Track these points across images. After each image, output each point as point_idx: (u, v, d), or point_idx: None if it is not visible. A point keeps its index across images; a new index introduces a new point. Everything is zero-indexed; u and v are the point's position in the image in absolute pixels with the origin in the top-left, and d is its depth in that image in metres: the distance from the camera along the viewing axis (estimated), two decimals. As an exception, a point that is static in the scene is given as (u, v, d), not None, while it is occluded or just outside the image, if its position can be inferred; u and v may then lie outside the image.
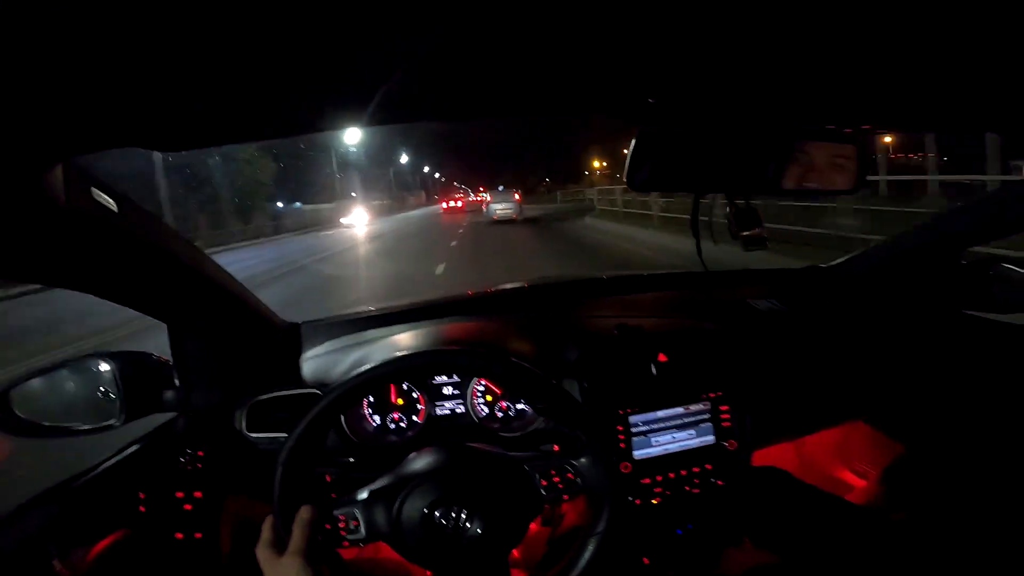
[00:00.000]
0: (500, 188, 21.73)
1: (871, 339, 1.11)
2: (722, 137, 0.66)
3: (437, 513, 0.67)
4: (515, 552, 1.13)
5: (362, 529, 0.69)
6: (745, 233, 0.76)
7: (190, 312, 0.84)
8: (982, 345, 1.11)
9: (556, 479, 0.73)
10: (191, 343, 0.87)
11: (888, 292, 1.17)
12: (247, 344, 0.94)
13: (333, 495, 0.72)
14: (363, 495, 0.70)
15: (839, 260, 1.29)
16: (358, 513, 0.69)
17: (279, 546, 0.64)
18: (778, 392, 1.03)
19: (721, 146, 0.66)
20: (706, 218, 0.80)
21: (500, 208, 18.80)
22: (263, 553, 0.64)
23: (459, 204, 32.71)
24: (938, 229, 1.07)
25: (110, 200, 0.57)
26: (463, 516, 0.67)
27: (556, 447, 0.80)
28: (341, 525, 0.69)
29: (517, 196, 19.98)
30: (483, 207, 20.28)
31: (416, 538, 0.67)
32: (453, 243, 12.79)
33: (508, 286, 1.26)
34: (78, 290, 0.65)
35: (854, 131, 0.67)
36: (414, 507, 0.68)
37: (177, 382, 0.86)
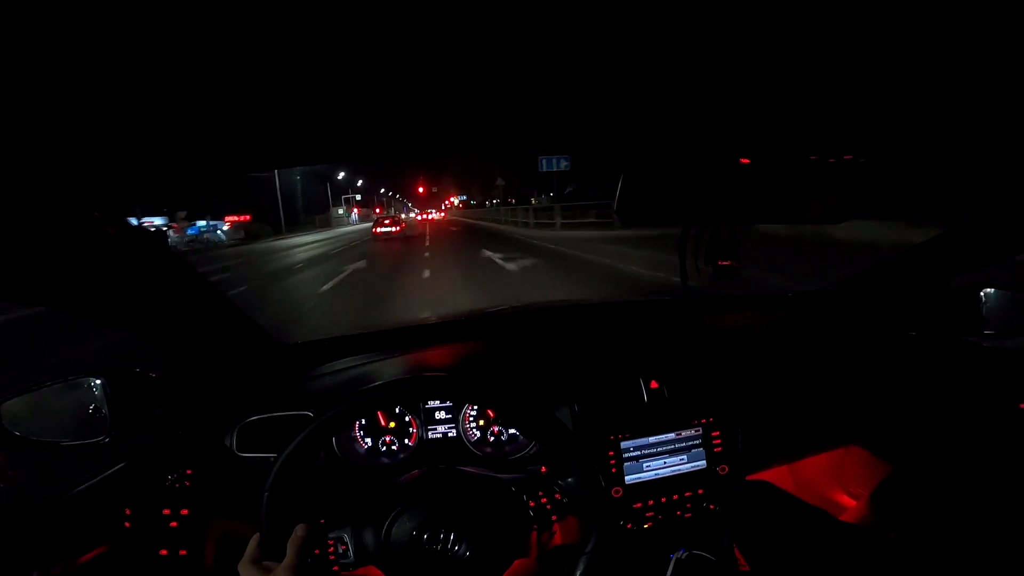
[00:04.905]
0: None
1: (862, 365, 1.11)
2: (713, 169, 0.67)
3: (426, 536, 0.67)
4: None
5: (351, 553, 0.69)
6: (720, 263, 0.77)
7: (184, 334, 0.85)
8: (974, 370, 1.12)
9: (544, 500, 0.73)
10: (184, 364, 0.88)
11: (878, 318, 1.17)
12: (240, 365, 0.95)
13: (322, 520, 0.72)
14: (352, 519, 0.70)
15: (830, 287, 1.29)
16: (347, 537, 0.70)
17: (265, 563, 0.63)
18: (770, 418, 1.03)
19: (711, 178, 0.67)
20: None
21: None
22: (248, 570, 0.63)
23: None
24: (925, 256, 1.08)
25: (110, 222, 0.58)
26: (451, 539, 0.68)
27: (544, 468, 0.80)
28: (331, 549, 0.69)
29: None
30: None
31: (405, 562, 0.67)
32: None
33: (501, 309, 1.27)
34: (75, 314, 0.65)
35: (838, 162, 0.68)
36: (402, 530, 0.68)
37: (168, 401, 0.87)
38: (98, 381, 0.80)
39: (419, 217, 58.53)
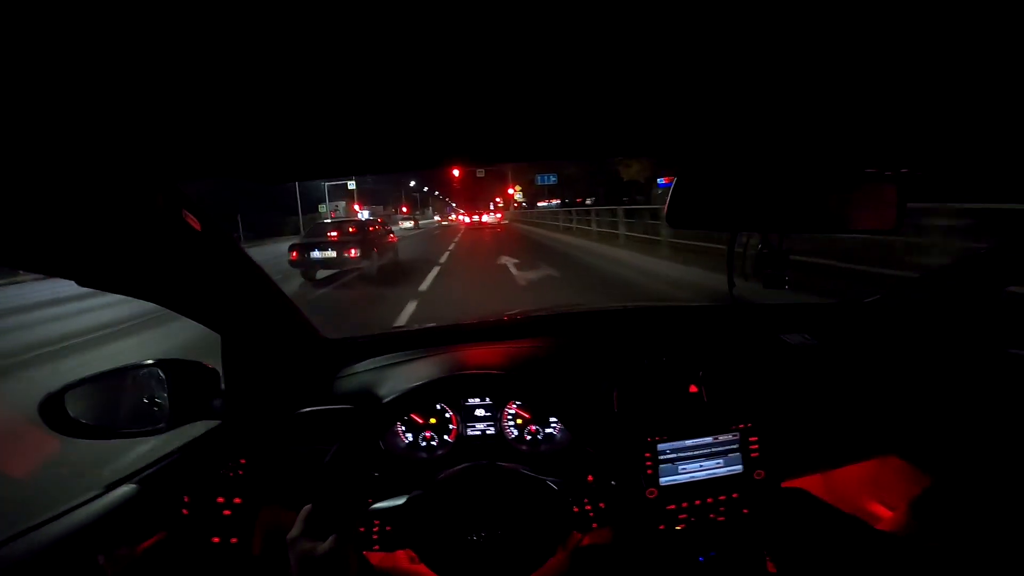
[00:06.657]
0: None
1: (906, 375, 1.09)
2: (765, 176, 0.67)
3: (468, 527, 0.70)
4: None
5: (392, 535, 0.72)
6: (769, 271, 0.77)
7: (246, 326, 0.88)
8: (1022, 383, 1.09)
9: (588, 506, 0.74)
10: (242, 354, 0.91)
11: (926, 328, 1.15)
12: (293, 358, 0.98)
13: (370, 500, 0.75)
14: (397, 503, 0.73)
15: (874, 296, 1.27)
16: (390, 519, 0.73)
17: (315, 537, 0.65)
18: (808, 425, 1.02)
19: (763, 185, 0.67)
20: (741, 249, 0.80)
21: None
22: (297, 542, 0.65)
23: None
24: (978, 266, 1.05)
25: (196, 221, 0.61)
26: (493, 532, 0.70)
27: (591, 477, 0.81)
28: (375, 529, 0.72)
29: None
30: None
31: (445, 550, 0.70)
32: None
33: (538, 312, 1.27)
34: (150, 300, 0.68)
35: (894, 174, 0.67)
36: (446, 520, 0.71)
37: (224, 390, 0.90)
38: (157, 370, 0.84)
39: (464, 219, 43.64)
